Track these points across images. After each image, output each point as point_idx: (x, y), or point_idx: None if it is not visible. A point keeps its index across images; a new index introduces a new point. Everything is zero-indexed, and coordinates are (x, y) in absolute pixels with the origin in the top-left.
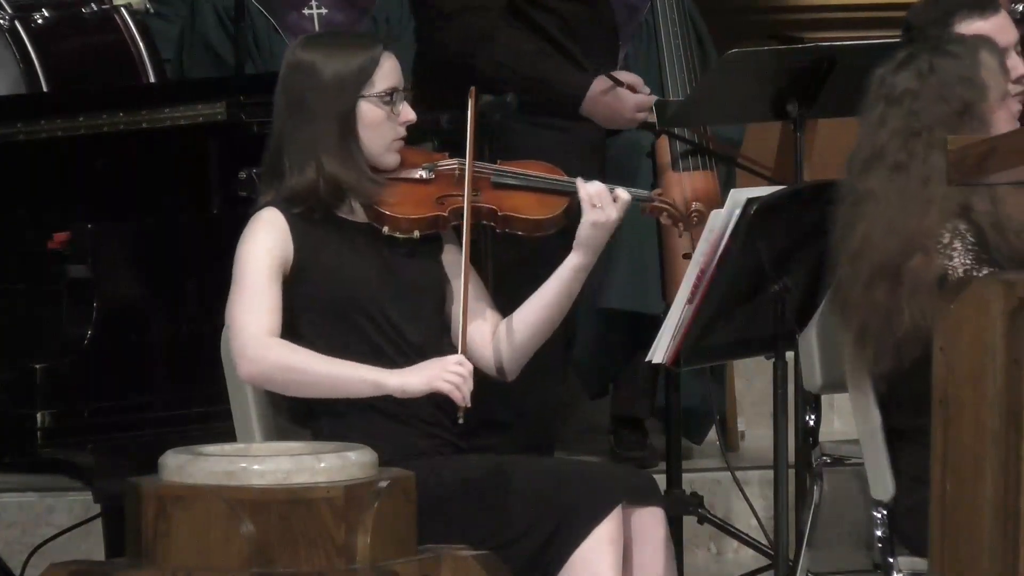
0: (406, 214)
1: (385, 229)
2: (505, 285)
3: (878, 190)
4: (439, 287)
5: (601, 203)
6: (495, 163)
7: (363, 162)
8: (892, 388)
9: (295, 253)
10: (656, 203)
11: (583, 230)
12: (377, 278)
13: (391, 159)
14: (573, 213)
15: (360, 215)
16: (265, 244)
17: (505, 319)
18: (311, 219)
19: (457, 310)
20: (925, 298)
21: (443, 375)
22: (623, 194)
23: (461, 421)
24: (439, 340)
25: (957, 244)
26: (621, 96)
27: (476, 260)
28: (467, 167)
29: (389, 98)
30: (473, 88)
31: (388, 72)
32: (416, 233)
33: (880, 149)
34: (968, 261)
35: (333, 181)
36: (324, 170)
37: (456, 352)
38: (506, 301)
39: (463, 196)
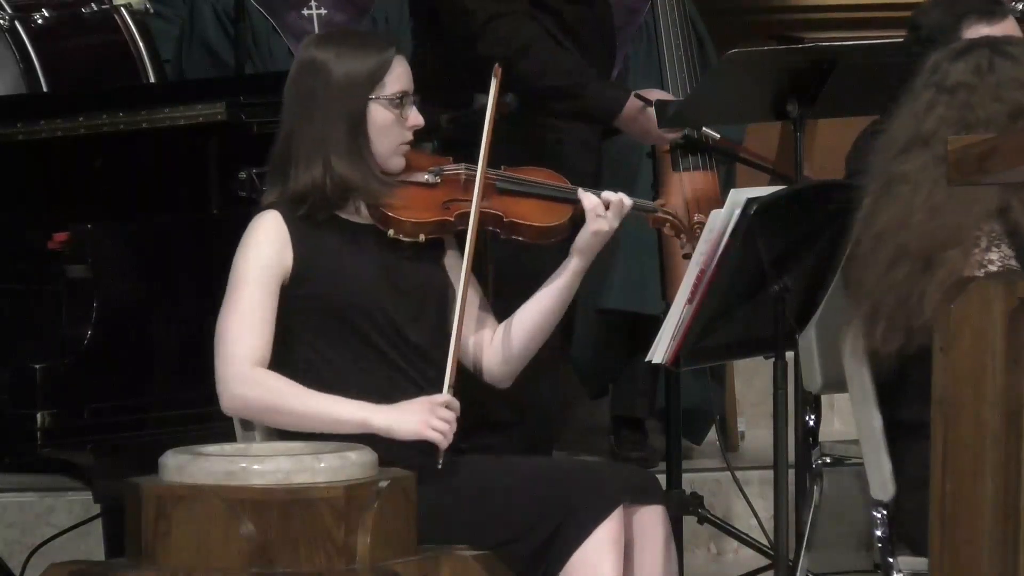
0: (412, 217)
1: (390, 232)
2: (504, 290)
3: (915, 175)
4: (442, 290)
5: (604, 212)
6: (500, 169)
7: (372, 163)
8: (900, 377)
9: (294, 259)
10: (660, 214)
11: (583, 237)
12: (379, 279)
13: (397, 162)
14: (578, 221)
15: (364, 216)
16: (263, 253)
17: (502, 324)
18: (314, 220)
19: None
20: None
21: (432, 422)
22: (625, 201)
23: (440, 466)
24: (441, 342)
25: (993, 255)
26: (651, 116)
27: (478, 264)
28: (481, 156)
29: (399, 101)
30: (496, 72)
31: (399, 75)
32: (421, 237)
33: (926, 135)
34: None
35: (340, 181)
36: (332, 169)
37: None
38: (505, 306)
39: (470, 201)
